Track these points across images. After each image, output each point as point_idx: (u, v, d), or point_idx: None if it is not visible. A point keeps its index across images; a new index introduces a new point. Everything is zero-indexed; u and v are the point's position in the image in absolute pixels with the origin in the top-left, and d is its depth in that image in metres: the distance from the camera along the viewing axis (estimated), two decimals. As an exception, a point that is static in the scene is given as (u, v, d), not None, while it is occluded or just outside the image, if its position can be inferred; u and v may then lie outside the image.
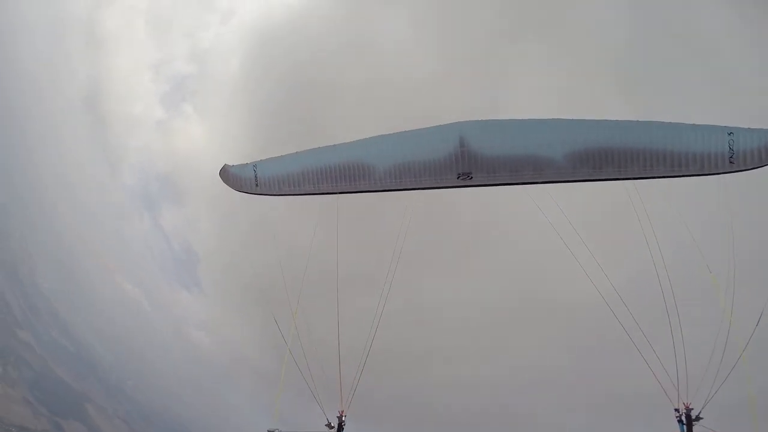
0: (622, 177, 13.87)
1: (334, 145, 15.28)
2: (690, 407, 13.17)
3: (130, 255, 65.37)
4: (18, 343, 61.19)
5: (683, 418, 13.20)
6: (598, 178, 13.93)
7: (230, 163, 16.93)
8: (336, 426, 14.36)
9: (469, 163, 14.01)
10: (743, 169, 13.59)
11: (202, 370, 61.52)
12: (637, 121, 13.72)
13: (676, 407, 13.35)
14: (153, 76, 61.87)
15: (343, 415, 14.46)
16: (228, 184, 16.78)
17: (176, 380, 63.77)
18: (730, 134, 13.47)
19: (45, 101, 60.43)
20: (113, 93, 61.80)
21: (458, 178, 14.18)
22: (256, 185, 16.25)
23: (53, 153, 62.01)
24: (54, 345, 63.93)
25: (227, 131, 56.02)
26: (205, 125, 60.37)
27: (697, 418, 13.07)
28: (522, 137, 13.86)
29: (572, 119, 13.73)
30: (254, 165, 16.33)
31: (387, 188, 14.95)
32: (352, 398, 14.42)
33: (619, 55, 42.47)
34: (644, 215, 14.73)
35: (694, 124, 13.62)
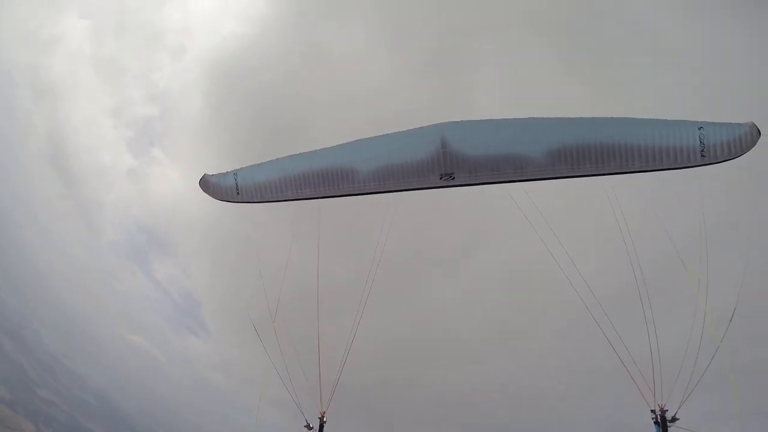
0: (599, 173, 14.21)
1: (315, 151, 15.28)
2: (665, 408, 13.38)
3: (130, 309, 63.57)
4: (42, 402, 59.28)
5: (659, 419, 13.36)
6: (576, 174, 14.24)
7: (210, 173, 16.87)
8: (316, 427, 14.35)
9: (451, 163, 14.19)
10: (714, 162, 14.05)
11: (228, 409, 60.30)
12: (613, 117, 14.08)
13: (652, 408, 13.54)
14: (114, 123, 60.23)
15: (324, 416, 14.49)
16: (208, 194, 16.65)
17: (205, 423, 62.40)
18: (700, 129, 13.94)
19: (9, 164, 58.48)
20: (77, 146, 59.84)
21: (441, 178, 14.34)
22: (237, 193, 16.17)
23: (28, 217, 60.09)
24: (78, 401, 61.94)
25: (202, 170, 55.13)
26: (179, 167, 59.17)
27: (673, 419, 13.26)
28: (502, 136, 14.12)
29: (550, 117, 14.01)
30: (234, 173, 16.26)
31: (370, 191, 15.01)
32: (331, 399, 14.48)
33: (574, 45, 43.08)
34: (620, 213, 15.16)
35: (666, 120, 14.05)
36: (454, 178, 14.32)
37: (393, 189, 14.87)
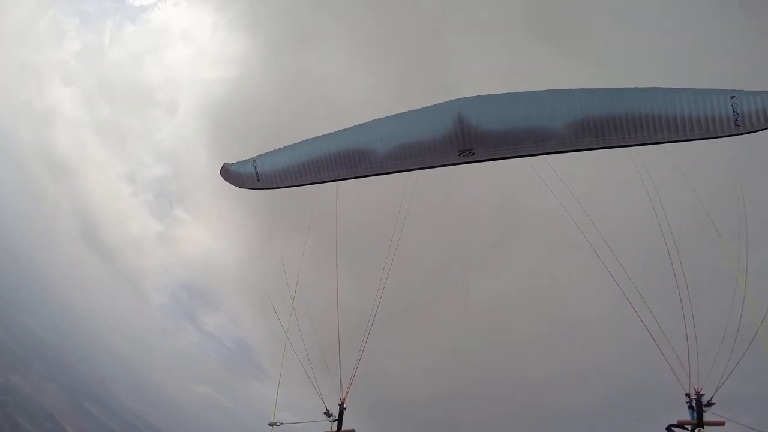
0: (626, 144, 13.65)
1: (332, 133, 15.20)
2: (701, 392, 12.75)
3: (191, 362, 65.65)
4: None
5: (693, 404, 12.78)
6: (601, 146, 13.73)
7: (229, 162, 16.89)
8: (336, 414, 14.10)
9: (469, 139, 13.87)
10: (749, 131, 13.31)
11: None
12: (639, 87, 13.53)
13: (687, 392, 12.95)
14: (132, 190, 62.24)
15: (344, 402, 14.21)
16: (230, 182, 16.80)
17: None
18: (732, 97, 13.23)
19: (48, 247, 60.56)
20: (104, 220, 62.11)
21: (459, 154, 14.05)
22: (258, 180, 16.22)
23: (80, 294, 62.41)
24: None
25: (224, 218, 56.09)
26: (202, 223, 60.69)
27: (709, 404, 12.64)
28: (521, 109, 13.72)
29: (573, 89, 13.59)
30: (254, 160, 16.31)
31: (388, 170, 14.87)
32: (351, 385, 14.16)
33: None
34: (651, 188, 14.55)
35: (695, 88, 13.41)
36: (473, 153, 13.99)
37: (411, 167, 14.66)
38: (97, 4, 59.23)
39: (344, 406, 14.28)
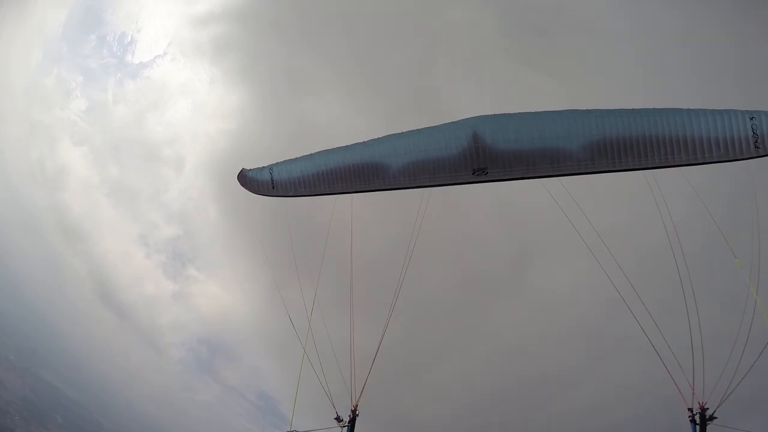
0: (641, 167, 13.43)
1: (348, 146, 15.23)
2: (705, 407, 12.82)
3: (215, 417, 66.15)
4: None
5: (696, 418, 12.87)
6: (617, 168, 13.49)
7: (247, 168, 17.06)
8: (347, 420, 14.34)
9: (483, 158, 13.75)
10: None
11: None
12: (655, 108, 13.28)
13: (690, 407, 13.02)
14: (145, 252, 62.30)
15: (357, 410, 14.48)
16: (246, 188, 17.01)
17: None
18: (752, 118, 12.92)
19: (68, 310, 61.27)
20: (120, 282, 62.34)
21: (473, 173, 13.93)
22: (273, 188, 16.37)
23: (100, 352, 63.17)
24: None
25: (236, 271, 56.05)
26: (215, 279, 60.80)
27: (711, 418, 12.73)
28: (537, 130, 13.54)
29: (588, 109, 13.40)
30: (270, 168, 16.48)
31: (401, 186, 14.81)
32: (362, 393, 14.44)
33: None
34: (664, 208, 14.45)
35: (713, 109, 13.15)
36: (487, 173, 13.86)
37: (424, 184, 14.62)
38: (98, 60, 59.16)
39: (357, 413, 14.57)
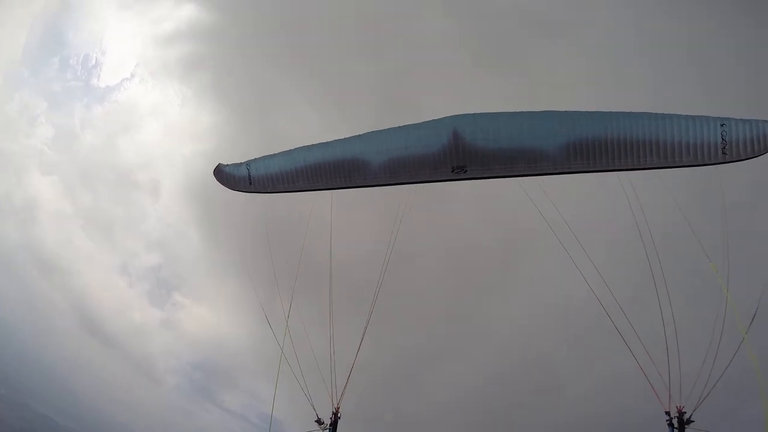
0: (615, 168, 13.81)
1: (328, 142, 15.24)
2: (683, 410, 13.08)
3: None
4: None
5: (674, 421, 13.12)
6: (592, 169, 13.85)
7: (224, 163, 16.92)
8: (328, 423, 14.28)
9: (463, 156, 13.92)
10: (735, 159, 13.48)
11: None
12: (630, 112, 13.65)
13: (667, 410, 13.27)
14: (128, 281, 60.77)
15: (338, 411, 14.43)
16: (222, 184, 16.88)
17: None
18: (722, 125, 13.39)
19: (53, 345, 59.51)
20: (105, 313, 60.71)
21: (452, 171, 14.11)
22: (250, 183, 16.29)
23: (94, 384, 61.40)
24: None
25: (224, 293, 55.02)
26: (203, 303, 59.58)
27: (689, 421, 12.99)
28: (516, 129, 13.78)
29: (565, 111, 13.66)
30: (247, 164, 16.38)
31: (381, 183, 14.91)
32: (343, 394, 14.42)
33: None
34: (638, 209, 14.77)
35: (686, 115, 13.55)
36: (466, 171, 14.06)
37: (404, 181, 14.71)
38: (62, 84, 57.06)
39: (339, 415, 14.51)
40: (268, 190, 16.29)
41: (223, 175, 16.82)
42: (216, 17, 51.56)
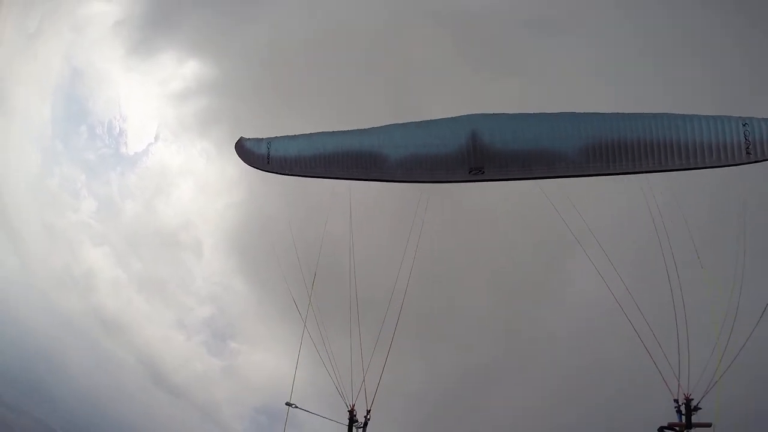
0: (636, 170, 13.61)
1: (348, 131, 15.28)
2: (690, 398, 13.57)
3: None
4: None
5: (682, 408, 13.60)
6: (611, 172, 13.69)
7: (246, 137, 17.16)
8: (362, 422, 14.89)
9: (481, 157, 13.83)
10: (760, 159, 13.29)
11: None
12: (651, 112, 13.48)
13: (676, 398, 13.75)
14: (185, 335, 61.40)
15: (354, 411, 15.10)
16: (241, 158, 17.08)
17: None
18: (744, 125, 13.22)
19: (126, 400, 60.34)
20: (169, 366, 61.69)
21: (470, 172, 14.01)
22: (268, 162, 16.42)
23: None
24: None
25: (276, 335, 55.09)
26: (259, 348, 60.07)
27: (696, 408, 13.49)
28: (534, 131, 13.65)
29: (585, 112, 13.51)
30: (269, 142, 16.49)
31: (398, 179, 14.86)
32: (360, 392, 15.00)
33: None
34: (654, 207, 14.74)
35: (707, 115, 13.39)
36: (483, 172, 13.95)
37: (421, 179, 14.66)
38: (95, 152, 57.45)
39: (368, 417, 15.04)
40: (285, 172, 16.37)
41: (244, 150, 16.98)
42: (220, 69, 51.89)
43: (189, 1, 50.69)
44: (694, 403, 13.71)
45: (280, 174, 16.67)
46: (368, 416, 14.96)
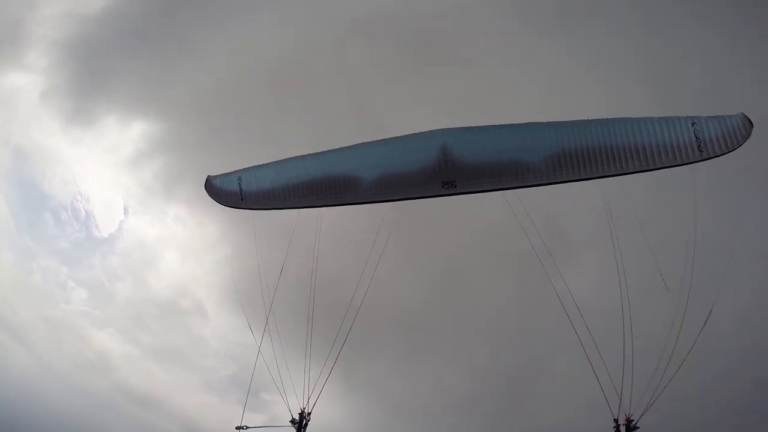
0: (599, 175, 13.98)
1: (319, 153, 15.38)
2: (631, 418, 13.28)
3: None
4: None
5: (622, 429, 13.30)
6: (576, 178, 14.02)
7: (213, 174, 16.88)
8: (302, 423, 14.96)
9: (452, 171, 14.10)
10: (712, 156, 13.77)
11: None
12: (608, 118, 13.96)
13: (616, 417, 13.46)
14: (217, 395, 59.72)
15: (304, 412, 15.19)
16: (213, 199, 16.80)
17: None
18: (693, 124, 13.76)
19: None
20: (213, 427, 61.62)
21: (442, 186, 14.24)
22: (242, 199, 16.25)
23: None
24: None
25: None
26: (288, 392, 61.21)
27: (635, 428, 13.20)
28: (502, 142, 14.02)
29: (548, 122, 13.94)
30: (239, 176, 16.31)
31: (372, 200, 14.96)
32: (317, 399, 15.13)
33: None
34: (608, 217, 14.79)
35: (658, 117, 13.89)
36: (456, 186, 14.21)
37: (395, 198, 14.78)
38: (67, 239, 54.99)
39: (306, 417, 15.21)
40: (259, 207, 16.27)
41: (214, 189, 16.72)
42: (167, 123, 49.33)
43: (115, 58, 48.08)
44: (633, 423, 13.40)
45: (255, 210, 16.54)
46: (308, 417, 15.21)
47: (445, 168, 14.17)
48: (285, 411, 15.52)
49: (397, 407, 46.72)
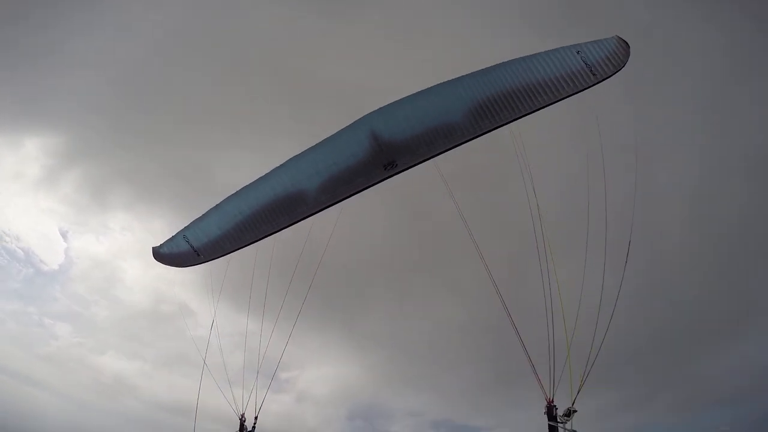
0: (517, 116, 14.68)
1: (253, 183, 15.45)
2: (553, 404, 13.43)
3: None
4: None
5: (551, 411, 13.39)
6: (497, 125, 14.70)
7: (156, 244, 16.56)
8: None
9: (389, 152, 14.59)
10: (604, 78, 14.72)
11: None
12: (503, 62, 14.63)
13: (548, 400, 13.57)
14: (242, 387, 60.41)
15: (243, 417, 16.32)
16: (168, 265, 16.42)
17: None
18: (578, 52, 14.72)
19: None
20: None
21: (385, 169, 14.70)
22: (198, 255, 15.95)
23: None
24: None
25: (324, 344, 53.85)
26: (311, 365, 59.06)
27: (571, 412, 13.09)
28: (423, 111, 14.57)
29: (459, 77, 14.51)
30: (183, 235, 16.04)
31: (324, 205, 15.14)
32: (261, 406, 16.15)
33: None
34: (533, 195, 15.51)
35: (547, 51, 14.70)
36: (397, 164, 14.70)
37: (345, 195, 15.04)
38: (18, 280, 52.09)
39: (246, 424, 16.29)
40: (218, 255, 16.02)
41: (165, 257, 16.35)
42: (63, 132, 47.41)
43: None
44: (564, 407, 13.36)
45: (217, 258, 16.28)
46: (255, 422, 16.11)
47: (381, 152, 14.63)
48: None
49: (404, 348, 47.47)
